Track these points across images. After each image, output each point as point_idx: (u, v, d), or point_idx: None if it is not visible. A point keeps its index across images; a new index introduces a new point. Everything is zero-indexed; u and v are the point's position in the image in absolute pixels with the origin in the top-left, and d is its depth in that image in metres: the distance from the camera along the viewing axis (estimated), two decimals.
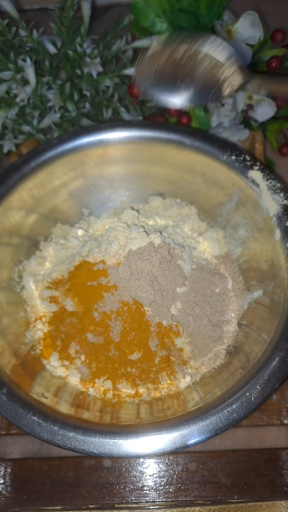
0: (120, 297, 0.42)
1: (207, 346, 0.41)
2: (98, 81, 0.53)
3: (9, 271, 0.45)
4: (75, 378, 0.40)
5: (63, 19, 0.50)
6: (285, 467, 0.40)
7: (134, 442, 0.32)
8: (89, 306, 0.42)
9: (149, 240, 0.43)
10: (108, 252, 0.44)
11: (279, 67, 0.51)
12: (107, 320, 0.41)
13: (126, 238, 0.44)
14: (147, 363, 0.40)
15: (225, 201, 0.46)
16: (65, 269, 0.45)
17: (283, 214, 0.40)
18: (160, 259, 0.42)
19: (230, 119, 0.52)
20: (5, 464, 0.41)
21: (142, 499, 0.39)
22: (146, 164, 0.48)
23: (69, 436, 0.32)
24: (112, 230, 0.45)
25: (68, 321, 0.42)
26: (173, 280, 0.43)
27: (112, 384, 0.40)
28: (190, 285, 0.44)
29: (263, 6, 0.63)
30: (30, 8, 0.71)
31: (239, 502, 0.41)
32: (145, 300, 0.41)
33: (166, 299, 0.42)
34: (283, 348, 0.35)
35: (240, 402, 0.33)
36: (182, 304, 0.43)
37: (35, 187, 0.45)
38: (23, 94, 0.50)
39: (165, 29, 0.54)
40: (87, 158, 0.46)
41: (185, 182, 0.49)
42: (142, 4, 0.53)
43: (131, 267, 0.42)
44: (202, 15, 0.52)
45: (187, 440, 0.32)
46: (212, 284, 0.44)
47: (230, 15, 0.51)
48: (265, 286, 0.41)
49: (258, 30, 0.49)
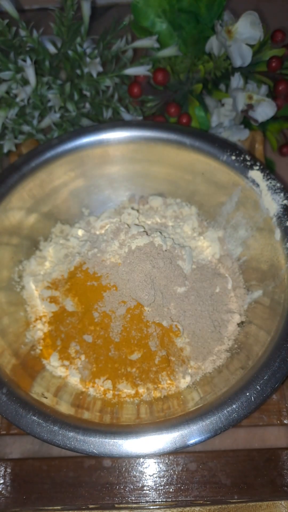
0: (120, 297, 0.42)
1: (207, 346, 0.41)
2: (98, 81, 0.53)
3: (9, 271, 0.45)
4: (75, 378, 0.40)
5: (63, 19, 0.50)
6: (285, 467, 0.40)
7: (134, 442, 0.32)
8: (89, 306, 0.42)
9: (149, 240, 0.43)
10: (108, 252, 0.44)
11: (279, 67, 0.51)
12: (107, 320, 0.41)
13: (126, 238, 0.44)
14: (147, 363, 0.40)
15: (225, 201, 0.46)
16: (65, 269, 0.45)
17: (283, 214, 0.40)
18: (160, 259, 0.42)
19: (230, 119, 0.52)
20: (5, 464, 0.41)
21: (142, 499, 0.39)
22: (146, 164, 0.48)
23: (69, 436, 0.32)
24: (112, 230, 0.45)
25: (68, 321, 0.42)
26: (173, 280, 0.43)
27: (112, 384, 0.40)
28: (190, 285, 0.44)
29: (263, 6, 0.63)
30: (30, 8, 0.71)
31: (239, 502, 0.41)
32: (145, 300, 0.41)
33: (166, 299, 0.42)
34: (283, 348, 0.35)
35: (240, 402, 0.33)
36: (182, 304, 0.43)
37: (35, 187, 0.45)
38: (23, 94, 0.50)
39: (165, 29, 0.54)
40: (87, 158, 0.46)
41: (185, 182, 0.48)
42: (142, 4, 0.53)
43: (131, 267, 0.42)
44: (202, 15, 0.52)
45: (187, 440, 0.32)
46: (212, 284, 0.44)
47: (230, 15, 0.51)
48: (265, 286, 0.41)
49: (258, 30, 0.49)
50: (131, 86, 0.52)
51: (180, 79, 0.54)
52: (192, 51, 0.53)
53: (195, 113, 0.54)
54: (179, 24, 0.53)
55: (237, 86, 0.51)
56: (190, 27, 0.53)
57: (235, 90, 0.50)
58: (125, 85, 0.55)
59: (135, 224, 0.46)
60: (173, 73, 0.54)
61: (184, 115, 0.53)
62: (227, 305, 0.44)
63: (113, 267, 0.43)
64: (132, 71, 0.52)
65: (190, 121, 0.53)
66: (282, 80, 0.51)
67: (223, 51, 0.51)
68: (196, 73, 0.53)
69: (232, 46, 0.49)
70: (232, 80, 0.51)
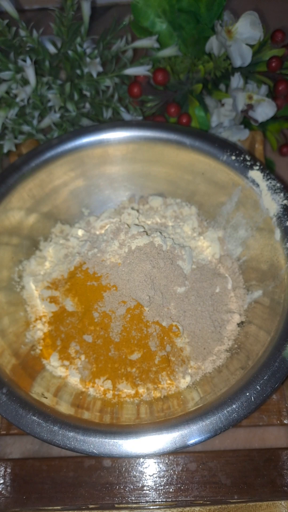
0: (120, 297, 0.42)
1: (207, 346, 0.41)
2: (98, 81, 0.53)
3: (9, 271, 0.45)
4: (75, 378, 0.40)
5: (63, 19, 0.50)
6: (285, 467, 0.40)
7: (134, 442, 0.32)
8: (89, 306, 0.42)
9: (149, 240, 0.43)
10: (108, 252, 0.44)
11: (279, 67, 0.51)
12: (107, 320, 0.41)
13: (126, 238, 0.44)
14: (147, 363, 0.40)
15: (225, 201, 0.46)
16: (65, 269, 0.45)
17: (283, 214, 0.40)
18: (160, 259, 0.42)
19: (230, 119, 0.52)
20: (5, 464, 0.41)
21: (142, 499, 0.39)
22: (146, 164, 0.48)
23: (69, 436, 0.32)
24: (112, 230, 0.45)
25: (68, 321, 0.42)
26: (173, 280, 0.42)
27: (112, 384, 0.40)
28: (190, 285, 0.43)
29: (263, 6, 0.63)
30: (30, 8, 0.71)
31: (239, 502, 0.41)
32: (145, 301, 0.41)
33: (166, 299, 0.42)
34: (283, 348, 0.35)
35: (240, 402, 0.33)
36: (182, 304, 0.43)
37: (35, 187, 0.45)
38: (23, 94, 0.50)
39: (165, 29, 0.54)
40: (87, 158, 0.46)
41: (185, 182, 0.48)
42: (142, 4, 0.53)
43: (131, 267, 0.42)
44: (202, 15, 0.52)
45: (187, 440, 0.32)
46: (212, 284, 0.44)
47: (230, 15, 0.51)
48: (265, 286, 0.41)
49: (258, 30, 0.49)
50: (131, 86, 0.52)
51: (180, 79, 0.54)
52: (192, 51, 0.53)
53: (195, 113, 0.54)
54: (179, 24, 0.53)
55: (237, 86, 0.51)
56: (190, 27, 0.53)
57: (235, 90, 0.50)
58: (125, 85, 0.55)
59: (135, 224, 0.46)
60: (173, 73, 0.54)
61: (184, 115, 0.53)
62: (227, 305, 0.44)
63: (113, 267, 0.43)
64: (132, 71, 0.52)
65: (190, 121, 0.53)
66: (282, 80, 0.51)
67: (223, 51, 0.51)
68: (196, 73, 0.53)
69: (232, 46, 0.49)
70: (232, 80, 0.51)
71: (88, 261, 0.44)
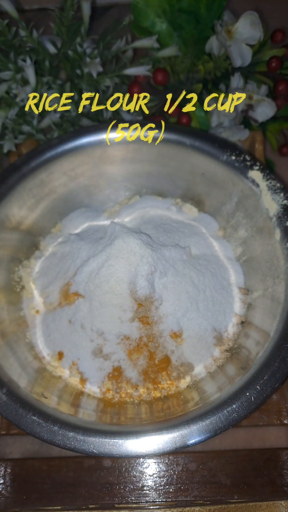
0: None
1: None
2: (98, 81, 0.53)
3: (9, 271, 0.45)
4: (75, 378, 0.40)
5: (63, 19, 0.50)
6: (285, 467, 0.40)
7: (134, 442, 0.32)
8: None
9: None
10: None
11: (279, 67, 0.51)
12: None
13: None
14: (147, 363, 0.40)
15: (225, 201, 0.46)
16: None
17: (283, 214, 0.40)
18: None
19: (230, 119, 0.52)
20: (5, 464, 0.41)
21: (142, 499, 0.39)
22: (146, 164, 0.48)
23: (69, 436, 0.32)
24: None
25: None
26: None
27: (112, 384, 0.40)
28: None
29: (263, 6, 0.63)
30: (30, 8, 0.71)
31: (239, 502, 0.41)
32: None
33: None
34: (283, 348, 0.35)
35: (240, 402, 0.33)
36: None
37: (35, 187, 0.45)
38: (23, 94, 0.50)
39: (165, 29, 0.54)
40: (87, 158, 0.46)
41: (185, 182, 0.48)
42: (142, 4, 0.53)
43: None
44: (202, 15, 0.52)
45: (187, 440, 0.32)
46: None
47: (230, 15, 0.51)
48: (265, 286, 0.41)
49: (258, 30, 0.49)
50: (131, 86, 0.52)
51: (180, 79, 0.54)
52: (192, 51, 0.53)
53: (195, 113, 0.54)
54: (179, 24, 0.53)
55: (237, 86, 0.51)
56: (190, 27, 0.53)
57: (235, 90, 0.50)
58: (125, 85, 0.55)
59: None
60: (173, 73, 0.54)
61: (184, 115, 0.53)
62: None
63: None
64: (132, 71, 0.52)
65: (190, 121, 0.53)
66: (282, 80, 0.51)
67: (223, 51, 0.51)
68: (196, 73, 0.53)
69: (232, 46, 0.49)
70: (232, 80, 0.51)
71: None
